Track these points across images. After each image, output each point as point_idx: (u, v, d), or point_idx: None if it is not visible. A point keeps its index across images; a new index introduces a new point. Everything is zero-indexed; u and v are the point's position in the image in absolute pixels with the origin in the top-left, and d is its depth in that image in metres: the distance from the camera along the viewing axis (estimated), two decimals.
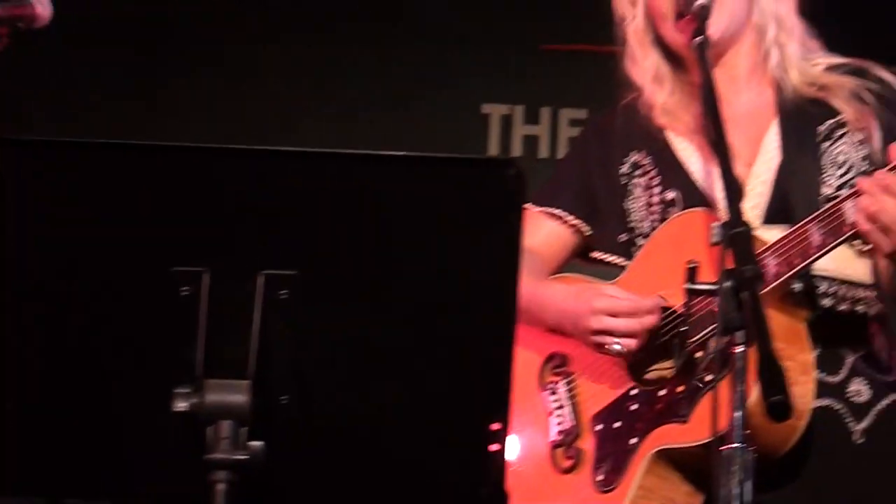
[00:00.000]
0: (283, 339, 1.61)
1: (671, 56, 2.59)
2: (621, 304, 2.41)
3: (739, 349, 1.84)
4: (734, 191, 1.98)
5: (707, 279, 2.02)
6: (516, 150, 5.31)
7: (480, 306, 1.68)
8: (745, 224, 1.91)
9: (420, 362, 1.66)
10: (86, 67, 4.99)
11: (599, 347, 2.44)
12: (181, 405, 1.54)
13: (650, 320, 2.38)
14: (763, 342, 1.75)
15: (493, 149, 5.34)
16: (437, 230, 1.64)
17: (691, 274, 2.01)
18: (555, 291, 2.57)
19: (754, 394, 1.88)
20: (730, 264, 1.90)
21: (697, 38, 2.33)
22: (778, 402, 1.68)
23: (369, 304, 1.65)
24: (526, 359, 2.61)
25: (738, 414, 1.83)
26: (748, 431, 1.94)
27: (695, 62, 2.51)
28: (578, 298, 2.48)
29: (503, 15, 5.35)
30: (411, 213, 1.62)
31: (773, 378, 1.71)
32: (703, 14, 2.37)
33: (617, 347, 2.40)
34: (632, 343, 2.39)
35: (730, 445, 1.82)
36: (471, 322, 1.67)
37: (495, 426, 1.68)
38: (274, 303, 1.59)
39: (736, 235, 1.89)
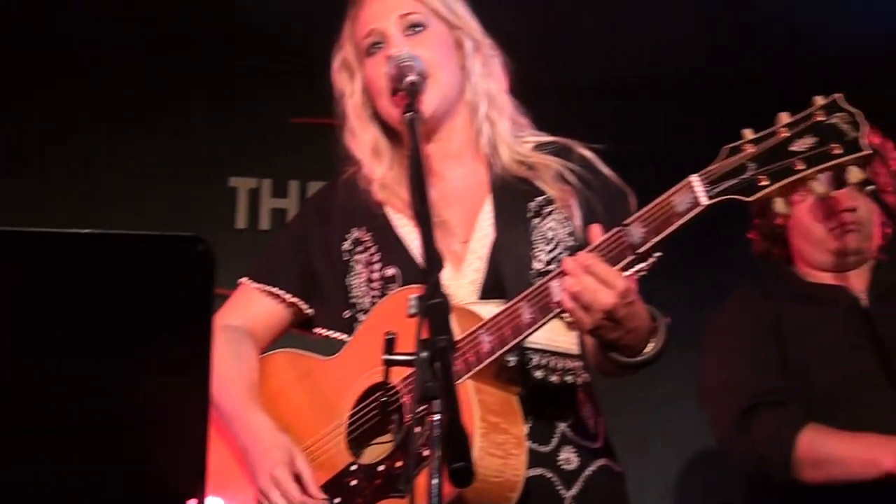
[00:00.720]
0: None
1: (390, 131, 2.63)
2: (295, 494, 2.41)
3: (436, 418, 1.86)
4: (433, 263, 2.00)
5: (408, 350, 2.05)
6: (265, 222, 5.31)
7: (172, 384, 1.65)
8: (443, 295, 1.90)
9: (109, 439, 1.62)
10: None
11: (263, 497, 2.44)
12: None
13: None
14: (450, 410, 1.78)
15: (242, 222, 5.33)
16: (124, 307, 1.60)
17: (389, 345, 2.03)
18: (254, 426, 2.53)
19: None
20: (427, 335, 1.94)
21: (408, 114, 2.35)
22: (460, 469, 1.70)
23: (56, 379, 1.59)
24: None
25: (434, 482, 1.85)
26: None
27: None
28: (269, 452, 2.46)
29: (250, 89, 5.38)
30: (99, 289, 1.59)
31: (458, 445, 1.74)
32: (414, 90, 2.41)
33: None
34: None
35: None
36: (162, 397, 1.64)
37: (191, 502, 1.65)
38: None
39: (433, 307, 1.89)
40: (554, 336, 2.47)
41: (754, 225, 3.43)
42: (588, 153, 2.60)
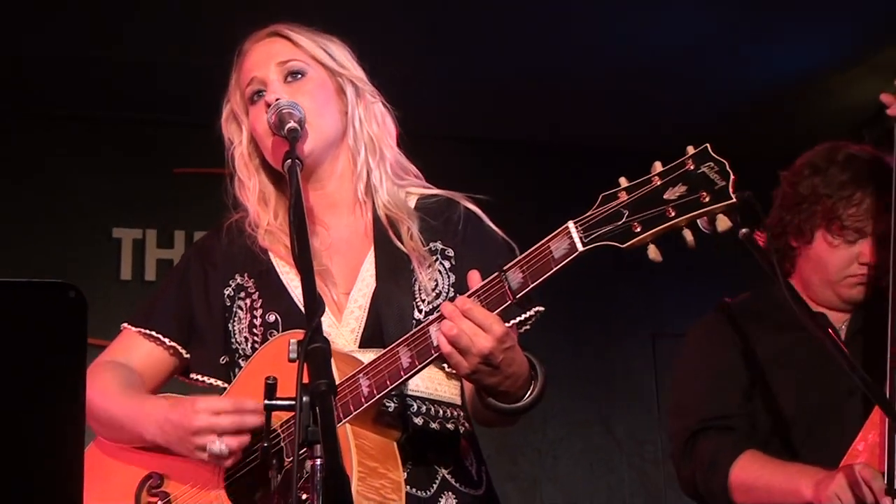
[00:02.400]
0: None
1: (277, 180, 2.64)
2: (224, 402, 2.39)
3: (317, 462, 1.85)
4: (313, 307, 2.00)
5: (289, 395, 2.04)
6: (150, 273, 5.26)
7: (45, 430, 1.61)
8: (323, 340, 1.90)
9: None
10: None
11: (201, 451, 2.37)
12: None
13: (253, 420, 2.35)
14: (331, 454, 1.77)
15: (126, 272, 5.27)
16: None
17: (270, 390, 2.01)
18: (155, 403, 2.51)
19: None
20: (308, 379, 1.93)
21: (288, 161, 2.36)
22: None
23: None
24: (123, 476, 2.56)
25: None
26: None
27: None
28: (181, 404, 2.44)
29: (133, 140, 5.35)
30: None
31: (337, 488, 1.74)
32: (294, 137, 2.42)
33: (217, 446, 2.34)
34: (234, 442, 2.35)
35: None
36: (35, 443, 1.61)
37: None
38: None
39: (312, 351, 1.88)
40: (435, 385, 2.50)
41: (768, 243, 3.44)
42: (473, 207, 2.62)
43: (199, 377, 2.65)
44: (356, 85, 2.64)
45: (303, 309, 2.46)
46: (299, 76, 2.58)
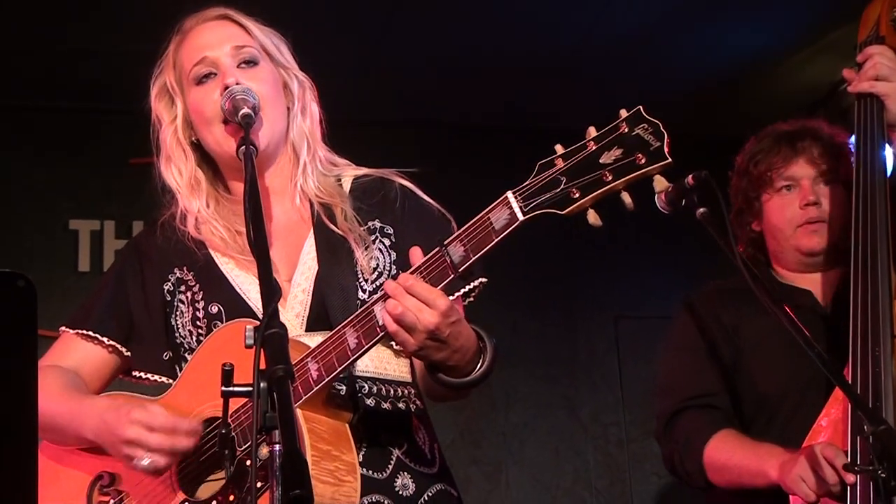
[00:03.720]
0: None
1: (206, 164, 2.63)
2: (159, 419, 2.37)
3: (276, 448, 1.84)
4: (270, 294, 1.99)
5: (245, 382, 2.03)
6: (109, 264, 5.22)
7: None
8: (280, 326, 1.90)
9: None
10: None
11: (129, 460, 2.38)
12: None
13: (185, 442, 2.35)
14: (289, 439, 1.77)
15: (84, 264, 5.23)
16: None
17: (226, 377, 1.99)
18: (95, 404, 2.50)
19: None
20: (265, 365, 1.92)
21: (243, 147, 2.35)
22: (298, 497, 1.70)
23: None
24: (72, 479, 2.55)
25: None
26: None
27: (233, 171, 2.60)
28: (119, 409, 2.42)
29: (89, 130, 5.30)
30: None
31: (296, 473, 1.73)
32: (248, 123, 2.41)
33: (145, 462, 2.35)
34: (160, 461, 2.35)
35: None
36: None
37: None
38: None
39: (269, 337, 1.88)
40: (384, 364, 2.51)
41: (739, 236, 3.46)
42: (407, 182, 2.63)
43: (142, 374, 2.64)
44: (301, 81, 2.65)
45: (245, 298, 2.51)
46: (253, 64, 2.57)
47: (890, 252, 2.98)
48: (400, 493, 2.46)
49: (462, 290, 2.44)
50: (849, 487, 2.74)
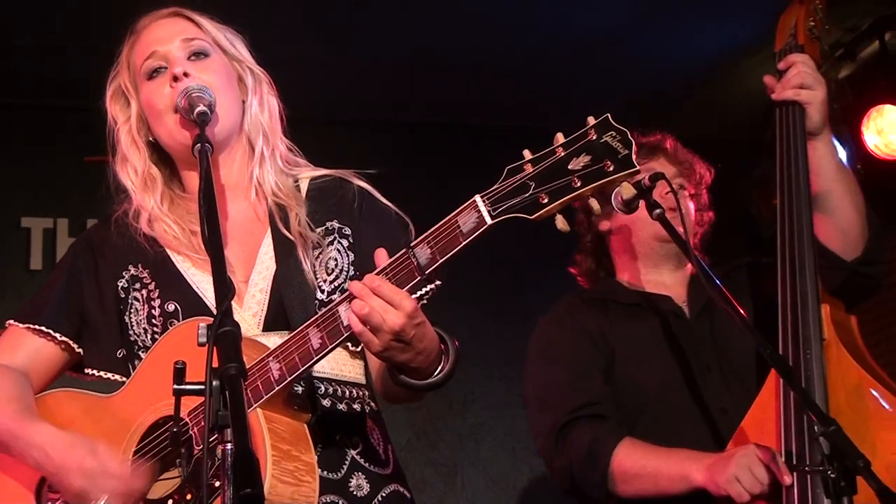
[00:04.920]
0: None
1: (162, 162, 2.63)
2: (115, 469, 2.36)
3: (227, 447, 1.84)
4: (223, 292, 1.99)
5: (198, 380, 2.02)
6: None
7: None
8: (234, 323, 1.91)
9: None
10: None
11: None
12: None
13: (139, 485, 2.34)
14: (240, 437, 1.77)
15: (37, 262, 5.19)
16: None
17: (179, 374, 1.99)
18: (41, 432, 2.46)
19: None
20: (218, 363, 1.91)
21: (197, 145, 2.35)
22: (249, 495, 1.70)
23: None
24: (19, 477, 2.52)
25: None
26: None
27: (188, 165, 2.59)
28: (67, 453, 2.40)
29: (44, 127, 5.26)
30: None
31: (247, 472, 1.73)
32: (204, 120, 2.41)
33: None
34: None
35: None
36: None
37: None
38: None
39: (222, 335, 1.89)
40: (340, 366, 2.52)
41: (581, 246, 3.48)
42: (365, 184, 2.64)
43: (94, 372, 2.62)
44: (255, 74, 2.65)
45: (202, 296, 2.51)
46: (203, 56, 2.58)
47: (816, 257, 3.02)
48: (354, 493, 2.47)
49: (426, 295, 2.45)
50: (784, 489, 2.78)
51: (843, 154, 5.06)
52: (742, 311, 3.00)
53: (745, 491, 2.79)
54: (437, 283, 2.47)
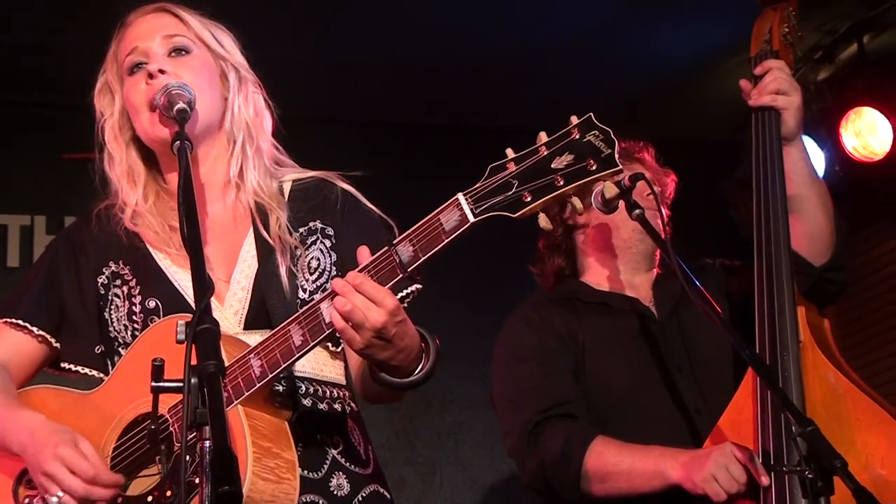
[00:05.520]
0: None
1: (147, 158, 2.63)
2: (82, 465, 2.34)
3: (206, 444, 1.84)
4: (202, 288, 1.99)
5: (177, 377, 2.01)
6: None
7: None
8: (212, 321, 1.91)
9: None
10: None
11: (42, 489, 2.37)
12: None
13: (100, 494, 2.34)
14: (219, 435, 1.77)
15: (13, 259, 5.17)
16: None
17: (157, 372, 1.99)
18: (28, 420, 2.46)
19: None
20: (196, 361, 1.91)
21: (177, 143, 2.35)
22: (228, 493, 1.70)
23: None
24: None
25: None
26: None
27: (168, 161, 2.59)
28: (51, 436, 2.39)
29: (20, 125, 5.24)
30: None
31: (226, 469, 1.73)
32: (183, 118, 2.41)
33: (53, 500, 2.33)
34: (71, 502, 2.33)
35: None
36: None
37: None
38: None
39: (201, 333, 1.89)
40: (321, 366, 2.52)
41: (544, 247, 3.47)
42: (349, 187, 2.64)
43: (71, 367, 2.62)
44: (239, 71, 2.64)
45: (183, 293, 2.51)
46: (184, 53, 2.58)
47: (791, 260, 3.04)
48: (335, 493, 2.47)
49: (409, 294, 2.46)
50: (762, 489, 2.79)
51: (821, 156, 5.09)
52: (720, 311, 3.02)
53: (723, 490, 2.79)
54: (419, 286, 2.47)
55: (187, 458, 1.95)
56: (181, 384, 1.87)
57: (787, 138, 3.14)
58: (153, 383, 1.97)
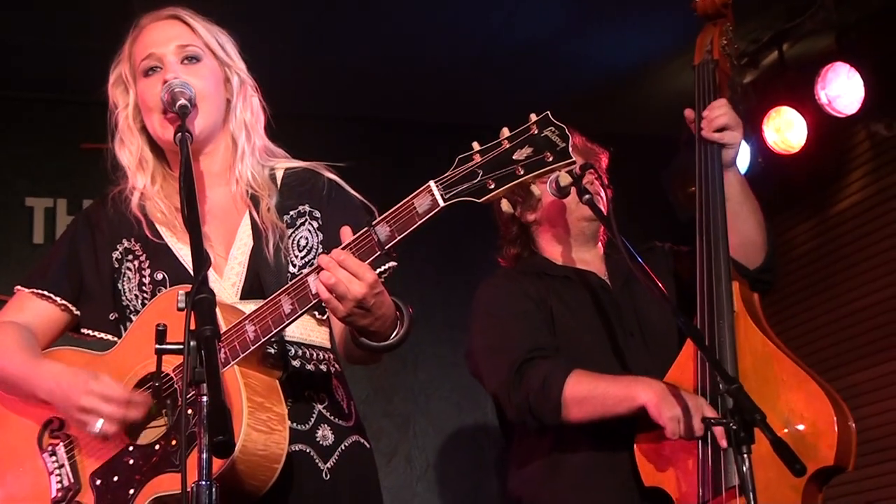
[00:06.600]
0: None
1: (155, 147, 2.62)
2: (116, 391, 2.35)
3: (203, 399, 1.84)
4: (200, 262, 2.01)
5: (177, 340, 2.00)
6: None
7: None
8: (209, 291, 1.93)
9: None
10: None
11: (82, 425, 2.37)
12: None
13: (135, 413, 2.34)
14: (214, 392, 1.76)
15: (39, 237, 5.19)
16: None
17: (160, 336, 1.98)
18: (51, 368, 2.48)
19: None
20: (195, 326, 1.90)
21: (179, 135, 2.36)
22: (221, 442, 1.70)
23: None
24: (24, 424, 2.52)
25: (205, 456, 1.83)
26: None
27: (174, 155, 2.59)
28: (76, 377, 2.41)
29: (44, 117, 5.23)
30: None
31: (220, 422, 1.73)
32: (184, 113, 2.42)
33: (97, 428, 2.33)
34: (111, 429, 2.34)
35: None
36: None
37: None
38: None
39: (199, 301, 1.90)
40: (308, 331, 2.52)
41: (502, 240, 3.45)
42: (334, 176, 2.64)
43: (89, 332, 2.62)
44: (241, 77, 2.64)
45: (188, 267, 2.50)
46: (195, 61, 2.57)
47: (727, 244, 3.07)
48: (321, 442, 2.47)
49: (386, 270, 2.46)
50: (700, 439, 2.80)
51: (747, 149, 5.10)
52: (661, 285, 3.02)
53: (680, 434, 2.79)
54: (395, 263, 2.48)
55: (188, 411, 1.96)
56: (181, 346, 1.88)
57: (727, 165, 3.17)
58: (157, 345, 1.97)
